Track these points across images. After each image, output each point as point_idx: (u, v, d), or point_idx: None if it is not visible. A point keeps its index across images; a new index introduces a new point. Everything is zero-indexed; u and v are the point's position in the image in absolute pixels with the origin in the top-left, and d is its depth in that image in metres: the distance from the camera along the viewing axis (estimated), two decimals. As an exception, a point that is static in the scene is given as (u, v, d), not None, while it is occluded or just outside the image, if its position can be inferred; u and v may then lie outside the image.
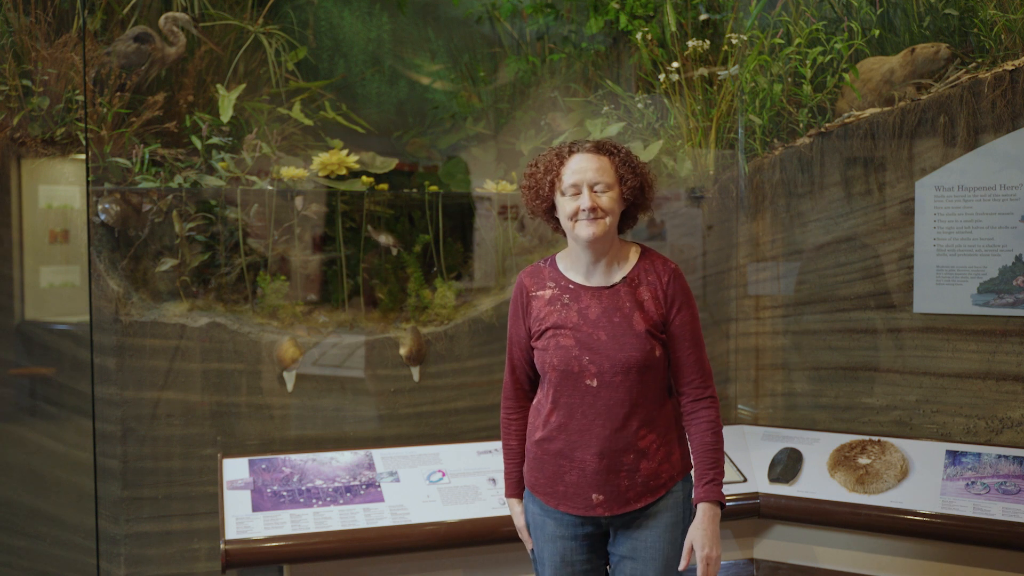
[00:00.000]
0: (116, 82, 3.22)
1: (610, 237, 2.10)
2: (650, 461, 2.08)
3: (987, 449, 3.02)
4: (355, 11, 3.92)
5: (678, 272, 2.14)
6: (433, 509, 2.83)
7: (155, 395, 3.14)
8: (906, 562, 2.91)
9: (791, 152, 3.44)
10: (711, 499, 2.06)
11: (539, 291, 2.17)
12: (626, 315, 2.07)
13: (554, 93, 3.93)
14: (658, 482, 2.09)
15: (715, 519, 2.07)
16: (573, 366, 2.07)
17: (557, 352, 2.09)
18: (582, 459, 2.08)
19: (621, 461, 2.07)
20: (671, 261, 2.17)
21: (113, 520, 3.11)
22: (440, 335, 3.47)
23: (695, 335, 2.12)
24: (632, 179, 2.09)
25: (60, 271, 3.19)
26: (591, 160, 2.08)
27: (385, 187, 3.52)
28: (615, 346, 2.05)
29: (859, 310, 3.35)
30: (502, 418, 2.28)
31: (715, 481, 2.08)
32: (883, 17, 3.35)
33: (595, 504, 2.09)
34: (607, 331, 2.07)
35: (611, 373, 2.05)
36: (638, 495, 2.08)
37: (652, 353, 2.06)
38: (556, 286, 2.15)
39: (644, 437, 2.07)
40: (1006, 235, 3.10)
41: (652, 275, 2.12)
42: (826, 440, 3.21)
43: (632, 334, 2.06)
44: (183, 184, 3.23)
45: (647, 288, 2.11)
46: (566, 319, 2.10)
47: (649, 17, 3.81)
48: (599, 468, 2.07)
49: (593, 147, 2.11)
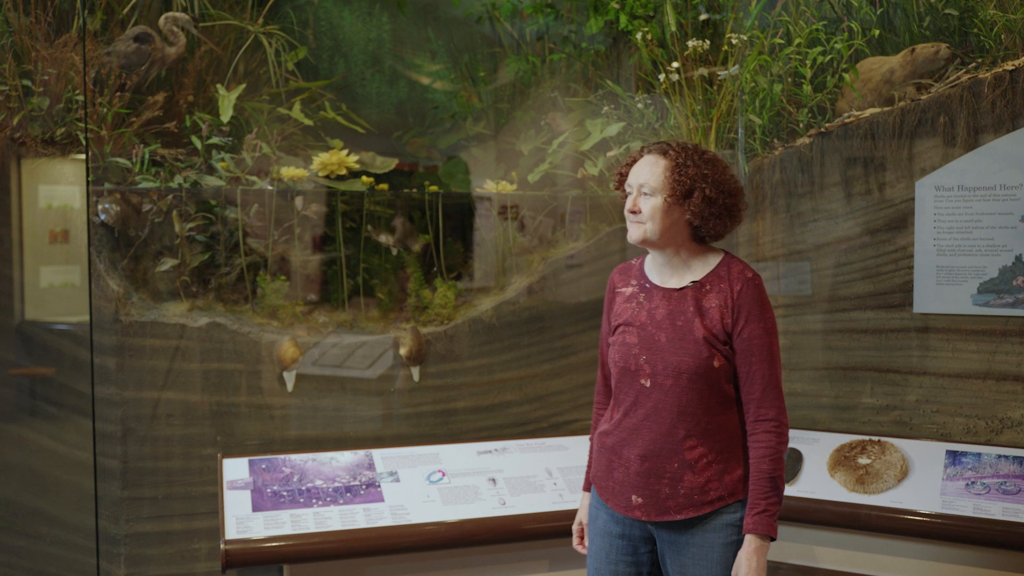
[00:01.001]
0: (116, 82, 3.22)
1: (663, 241, 2.05)
2: (697, 475, 2.02)
3: (987, 449, 3.02)
4: (355, 11, 3.92)
5: (754, 283, 2.04)
6: (433, 509, 2.83)
7: (155, 395, 3.14)
8: (906, 562, 2.91)
9: (791, 152, 3.44)
10: (759, 531, 1.97)
11: (623, 287, 2.17)
12: (688, 319, 2.03)
13: (554, 93, 3.93)
14: (704, 498, 2.02)
15: (761, 551, 1.98)
16: (631, 364, 2.07)
17: (620, 349, 2.09)
18: (627, 458, 2.08)
19: (664, 468, 2.03)
20: (751, 270, 2.06)
21: (113, 520, 3.11)
22: (440, 335, 3.47)
23: (763, 350, 2.02)
24: (679, 186, 2.02)
25: (60, 271, 3.19)
26: (646, 161, 2.07)
27: (385, 187, 3.52)
28: (671, 349, 2.03)
29: (859, 310, 3.35)
30: (593, 412, 2.31)
31: (767, 512, 1.98)
32: (883, 17, 3.35)
33: (634, 506, 2.07)
34: (668, 333, 2.04)
35: (663, 375, 2.03)
36: (679, 507, 2.03)
37: (708, 362, 2.00)
38: (637, 284, 2.15)
39: (693, 448, 2.02)
40: (1006, 235, 3.10)
41: (724, 283, 2.04)
42: (826, 440, 3.21)
43: (690, 339, 2.01)
44: (183, 184, 3.23)
45: (716, 295, 2.04)
46: (636, 317, 2.10)
47: (649, 17, 3.81)
48: (640, 470, 2.05)
49: (657, 148, 2.08)
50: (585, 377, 3.66)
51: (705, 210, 2.03)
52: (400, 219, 3.55)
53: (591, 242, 3.69)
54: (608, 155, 3.71)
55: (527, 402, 3.58)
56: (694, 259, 2.09)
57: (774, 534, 1.99)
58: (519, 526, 2.80)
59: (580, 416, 3.65)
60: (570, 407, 3.65)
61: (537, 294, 3.61)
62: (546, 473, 3.05)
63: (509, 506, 2.87)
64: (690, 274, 2.09)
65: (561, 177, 3.80)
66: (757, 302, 2.02)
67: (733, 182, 2.06)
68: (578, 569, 2.90)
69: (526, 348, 3.59)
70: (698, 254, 2.10)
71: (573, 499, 2.91)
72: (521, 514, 2.83)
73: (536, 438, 3.31)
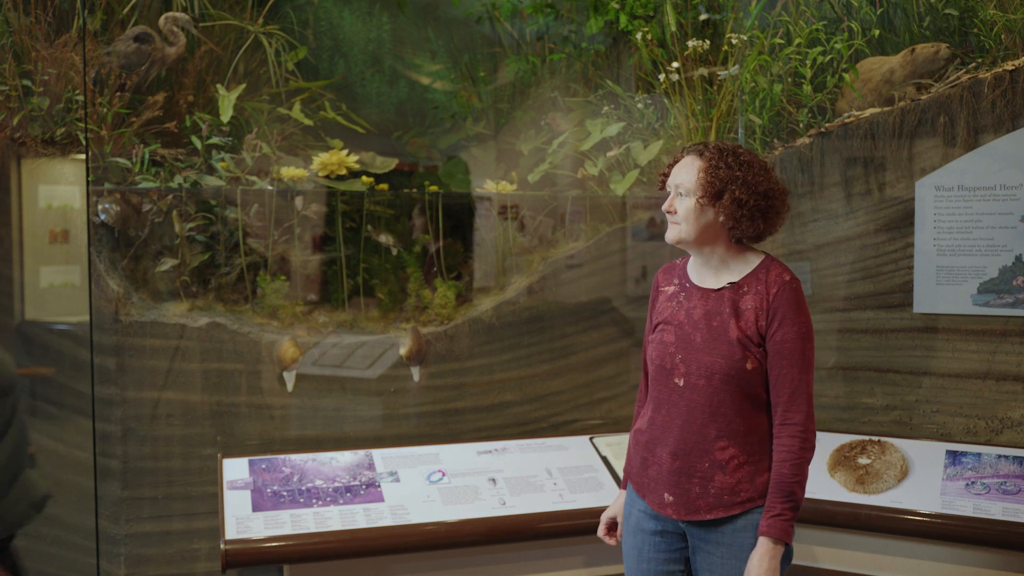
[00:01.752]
0: (116, 82, 3.22)
1: (699, 241, 2.07)
2: (727, 476, 2.02)
3: (987, 449, 3.02)
4: (355, 11, 3.92)
5: (792, 286, 2.02)
6: (433, 509, 2.83)
7: (155, 395, 3.14)
8: (906, 562, 2.91)
9: (791, 152, 3.44)
10: (773, 534, 1.97)
11: (666, 287, 2.20)
12: (724, 320, 2.04)
13: (554, 93, 3.93)
14: (734, 499, 2.02)
15: (774, 555, 1.97)
16: (667, 362, 2.09)
17: (658, 347, 2.11)
18: (660, 455, 2.09)
19: (695, 467, 2.04)
20: (789, 273, 2.05)
21: (113, 520, 3.11)
22: (440, 335, 3.47)
23: (795, 354, 2.00)
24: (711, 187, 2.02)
25: (60, 271, 3.19)
26: (684, 163, 2.09)
27: (385, 187, 3.52)
28: (706, 349, 2.03)
29: (859, 310, 3.35)
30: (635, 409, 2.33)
31: (782, 516, 1.98)
32: (883, 17, 3.35)
33: (666, 504, 2.09)
34: (703, 333, 2.05)
35: (696, 375, 2.04)
36: (709, 506, 2.04)
37: (741, 363, 2.00)
38: (679, 283, 2.16)
39: (724, 449, 2.03)
40: (1006, 235, 3.10)
41: (761, 285, 2.04)
42: (826, 440, 3.21)
43: (724, 340, 2.02)
44: (183, 184, 3.23)
45: (753, 297, 2.04)
46: (675, 316, 2.11)
47: (649, 17, 3.81)
48: (672, 468, 2.07)
49: (695, 149, 2.09)
50: (585, 377, 3.66)
51: (736, 212, 2.02)
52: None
53: (591, 242, 3.69)
54: (608, 155, 3.71)
55: (527, 402, 3.58)
56: (733, 260, 2.10)
57: (788, 539, 1.98)
58: (519, 526, 2.80)
59: (580, 416, 3.66)
60: (570, 407, 3.65)
61: (537, 294, 3.61)
62: (546, 473, 3.05)
63: (509, 506, 2.87)
64: (728, 275, 2.09)
65: (561, 177, 3.80)
66: (793, 305, 2.01)
67: (768, 184, 2.04)
68: (578, 569, 2.90)
69: (526, 348, 3.59)
70: (737, 255, 2.10)
71: (573, 499, 2.92)
72: (521, 514, 2.84)
73: (536, 438, 3.31)
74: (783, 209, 2.08)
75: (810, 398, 2.02)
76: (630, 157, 3.69)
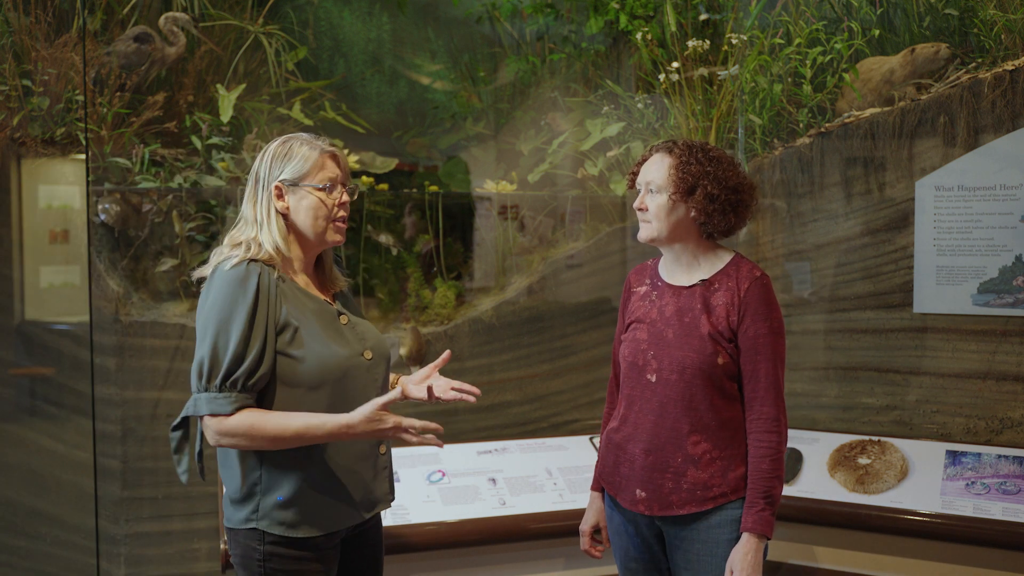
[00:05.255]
0: (116, 82, 3.22)
1: (671, 238, 2.08)
2: (700, 471, 2.03)
3: (987, 449, 3.02)
4: (355, 11, 3.92)
5: (762, 282, 2.05)
6: (433, 509, 2.83)
7: (155, 395, 3.13)
8: (906, 562, 2.91)
9: (791, 152, 3.43)
10: (756, 530, 1.98)
11: (638, 287, 2.21)
12: (695, 316, 2.05)
13: (554, 93, 3.93)
14: (707, 494, 2.03)
15: (757, 549, 1.98)
16: (639, 359, 2.10)
17: (630, 344, 2.12)
18: (632, 452, 2.10)
19: (668, 462, 2.05)
20: (759, 270, 2.08)
21: (113, 520, 3.11)
22: (440, 335, 3.46)
23: (767, 350, 2.02)
24: (682, 183, 2.04)
25: (60, 271, 3.19)
26: (654, 160, 2.10)
27: (385, 187, 3.52)
28: (678, 344, 2.05)
29: (859, 310, 3.35)
30: (604, 412, 2.34)
31: (765, 511, 1.99)
32: (883, 17, 3.35)
33: (638, 500, 2.09)
34: (675, 329, 2.07)
35: (669, 370, 2.05)
36: (682, 501, 2.04)
37: (712, 358, 2.02)
38: (650, 283, 2.18)
39: (697, 444, 2.03)
40: (1006, 235, 3.10)
41: (732, 281, 2.06)
42: (826, 440, 3.21)
43: (696, 335, 2.03)
44: (183, 184, 3.23)
45: (724, 293, 2.05)
46: (647, 314, 2.13)
47: (649, 17, 3.81)
48: (645, 464, 2.07)
49: (664, 146, 2.11)
50: (585, 377, 3.66)
51: (708, 206, 2.04)
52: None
53: (591, 242, 3.69)
54: (608, 155, 3.71)
55: (527, 402, 3.58)
56: (704, 257, 2.11)
57: (770, 533, 2.00)
58: (519, 526, 2.80)
59: (580, 416, 3.65)
60: (570, 407, 3.65)
61: (537, 294, 3.61)
62: (546, 473, 3.05)
63: (509, 506, 2.87)
64: (700, 272, 2.11)
65: (561, 177, 3.80)
66: (764, 301, 2.03)
67: (738, 178, 2.06)
68: (578, 569, 2.90)
69: (526, 348, 3.59)
70: (708, 252, 2.12)
71: (573, 499, 2.91)
72: (521, 514, 2.83)
73: (536, 438, 3.31)
74: (751, 203, 2.10)
75: (782, 392, 2.05)
76: (630, 157, 3.69)
